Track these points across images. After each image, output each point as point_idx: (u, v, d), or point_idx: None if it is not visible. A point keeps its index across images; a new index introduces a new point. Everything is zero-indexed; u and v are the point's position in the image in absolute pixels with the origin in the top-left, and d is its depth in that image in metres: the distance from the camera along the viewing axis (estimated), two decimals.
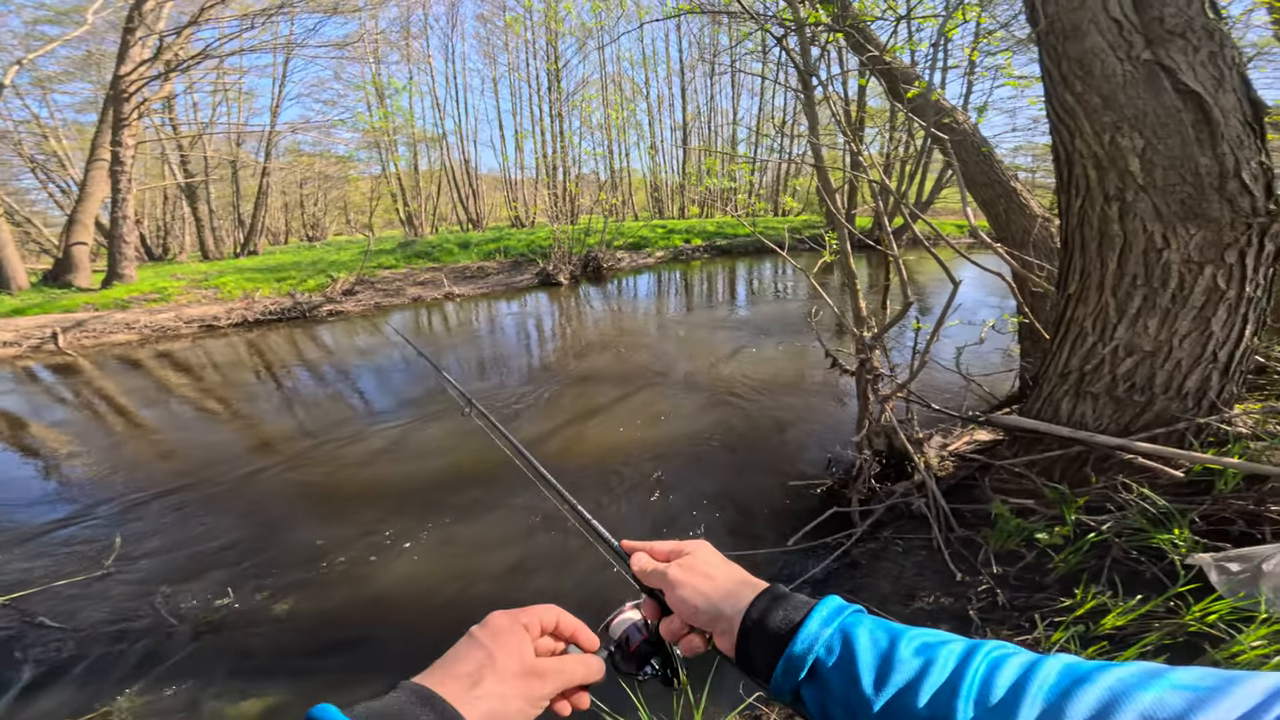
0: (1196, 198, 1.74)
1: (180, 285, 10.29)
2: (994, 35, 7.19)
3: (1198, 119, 1.70)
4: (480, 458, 3.79)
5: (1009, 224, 3.80)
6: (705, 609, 0.47)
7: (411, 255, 13.13)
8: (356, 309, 9.89)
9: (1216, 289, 1.77)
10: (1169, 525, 1.49)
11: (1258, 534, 1.49)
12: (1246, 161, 1.69)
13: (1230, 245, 1.73)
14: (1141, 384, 1.87)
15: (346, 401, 5.27)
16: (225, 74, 17.68)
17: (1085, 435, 1.88)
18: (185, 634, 2.34)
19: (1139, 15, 1.75)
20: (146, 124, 15.11)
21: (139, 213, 17.42)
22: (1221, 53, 1.71)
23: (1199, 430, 1.80)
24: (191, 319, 8.85)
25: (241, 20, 12.07)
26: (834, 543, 2.51)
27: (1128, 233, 1.86)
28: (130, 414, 5.16)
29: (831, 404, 4.45)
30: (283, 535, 3.03)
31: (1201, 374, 1.80)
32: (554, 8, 18.40)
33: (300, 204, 26.63)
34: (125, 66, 10.45)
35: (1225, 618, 1.28)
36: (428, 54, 23.42)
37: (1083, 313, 2.04)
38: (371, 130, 20.63)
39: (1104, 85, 1.80)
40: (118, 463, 4.07)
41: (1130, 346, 1.91)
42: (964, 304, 7.11)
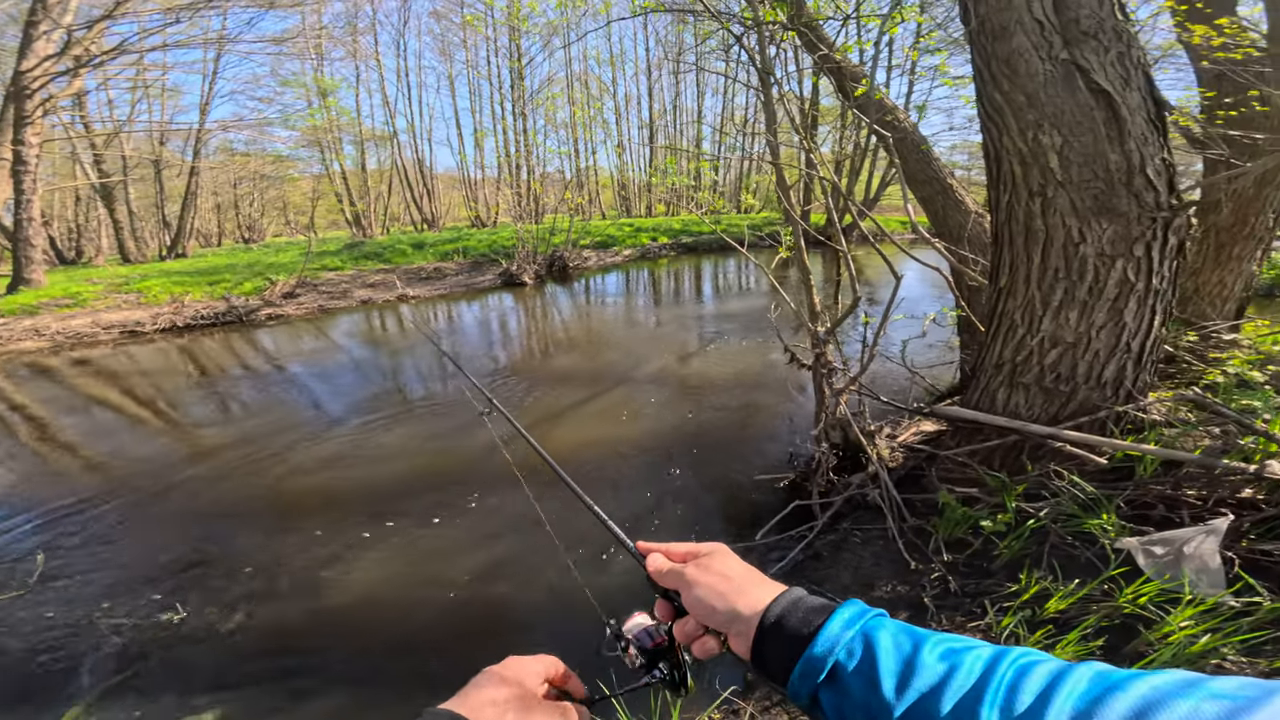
0: (1108, 193, 1.84)
1: (97, 290, 9.56)
2: (931, 35, 7.55)
3: (1108, 117, 1.81)
4: (440, 463, 3.67)
5: (946, 219, 3.97)
6: (722, 610, 0.47)
7: (359, 256, 12.54)
8: (299, 312, 9.38)
9: (1127, 281, 1.88)
10: (1098, 511, 1.58)
11: (1176, 518, 1.59)
12: (1151, 158, 1.81)
13: (1138, 239, 1.84)
14: (1066, 374, 1.98)
15: (292, 407, 5.00)
16: (146, 70, 16.34)
17: (1019, 424, 1.98)
18: (129, 653, 2.20)
19: (1058, 16, 1.85)
20: (54, 122, 13.78)
21: (47, 214, 15.89)
22: (1129, 53, 1.82)
23: (1119, 418, 1.92)
24: (111, 325, 8.28)
25: (165, 14, 11.15)
26: (798, 535, 2.56)
27: (1049, 227, 1.94)
28: (47, 424, 4.76)
29: (794, 398, 4.54)
30: (228, 547, 2.87)
31: (1118, 364, 1.91)
32: (518, 6, 17.96)
33: (234, 204, 24.97)
34: (28, 62, 9.71)
35: (1155, 599, 1.35)
36: (376, 50, 22.40)
37: (1012, 305, 2.13)
38: (313, 128, 19.54)
39: (1028, 84, 1.88)
40: (36, 476, 3.76)
41: (1055, 338, 2.00)
42: (910, 298, 7.43)
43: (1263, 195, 2.95)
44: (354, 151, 22.44)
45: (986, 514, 1.82)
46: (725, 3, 3.86)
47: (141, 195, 19.22)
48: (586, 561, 2.64)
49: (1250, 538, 1.46)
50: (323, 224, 27.13)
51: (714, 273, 12.58)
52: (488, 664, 0.48)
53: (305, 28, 17.90)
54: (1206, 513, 1.53)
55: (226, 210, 25.26)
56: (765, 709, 1.59)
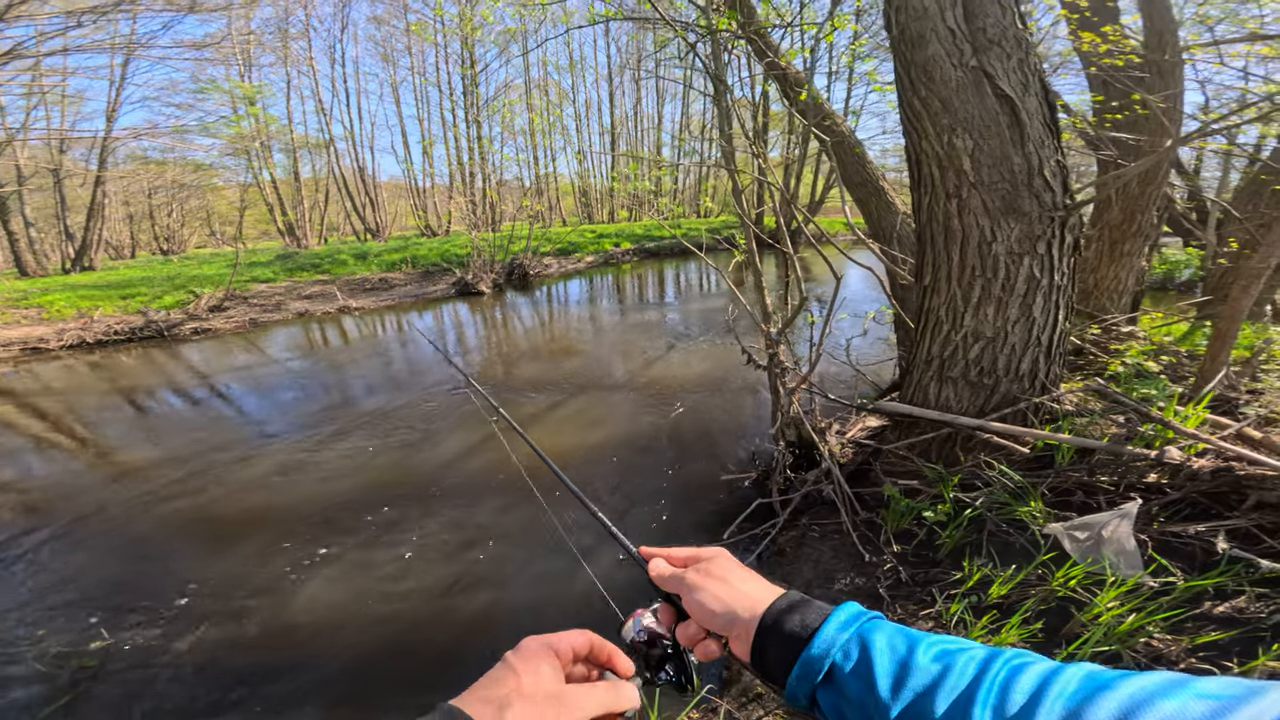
0: (1013, 194, 1.97)
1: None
2: (862, 41, 7.95)
3: (1011, 121, 1.94)
4: (390, 478, 3.49)
5: (880, 221, 4.15)
6: (722, 613, 0.47)
7: (294, 268, 11.81)
8: (228, 326, 8.72)
9: (1034, 277, 2.00)
10: (1026, 498, 1.69)
11: (1093, 502, 1.70)
12: (1047, 160, 1.96)
13: (1040, 237, 1.97)
14: (988, 368, 2.10)
15: (226, 423, 4.65)
16: (43, 75, 14.73)
17: (949, 417, 2.09)
18: (61, 681, 2.09)
19: (968, 25, 1.96)
20: None
21: None
22: (1027, 60, 1.96)
23: (1036, 409, 2.05)
24: (10, 341, 7.56)
25: (66, 17, 10.08)
26: (761, 533, 2.60)
27: (965, 227, 2.04)
28: None
29: (755, 398, 4.63)
30: (162, 568, 2.68)
31: (1031, 357, 2.05)
32: (470, 16, 17.45)
33: (150, 215, 22.92)
34: None
35: (1083, 582, 1.44)
36: (310, 56, 21.17)
37: (937, 303, 2.22)
38: (238, 136, 18.24)
39: (943, 89, 1.98)
40: None
41: (976, 333, 2.11)
42: (854, 298, 7.77)
43: (1146, 194, 3.25)
44: (285, 160, 21.14)
45: (928, 505, 1.90)
46: (681, 11, 3.91)
47: (40, 205, 17.35)
48: (574, 561, 2.58)
49: (1160, 520, 1.57)
50: (253, 234, 25.36)
51: (676, 276, 12.73)
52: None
53: (231, 32, 16.71)
54: (1119, 497, 1.64)
55: (141, 221, 23.16)
56: (742, 705, 1.60)
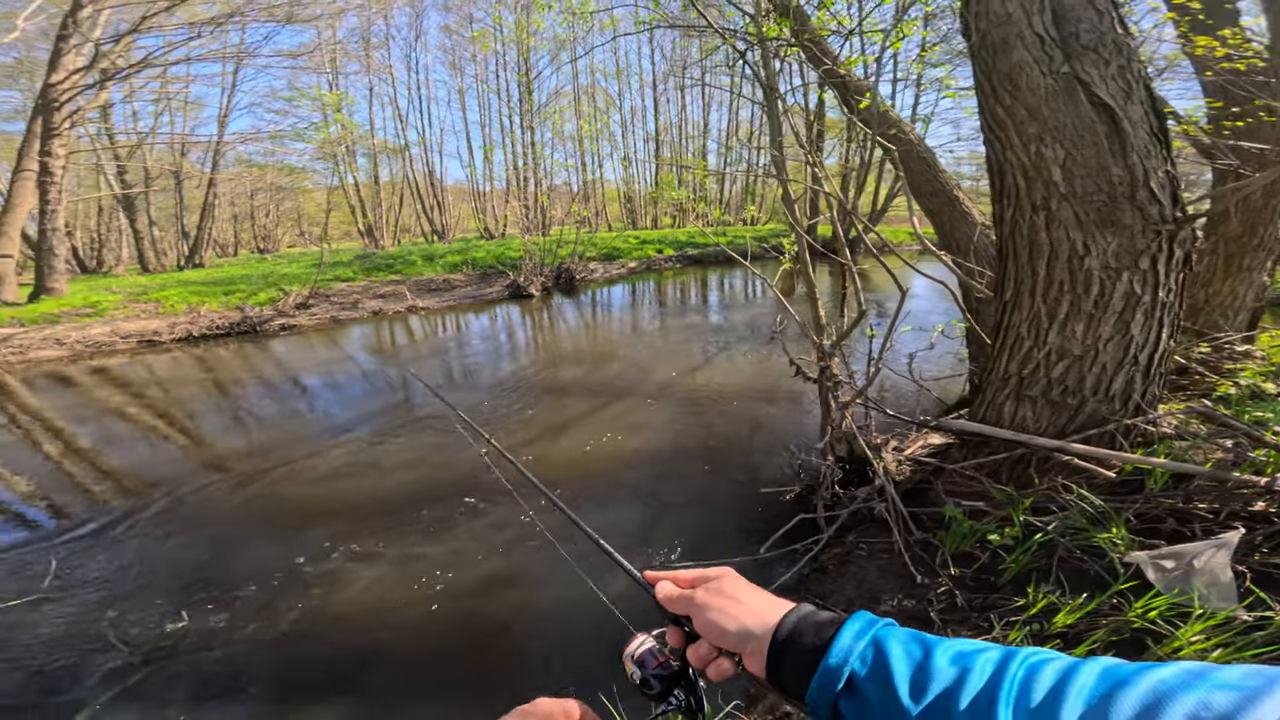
0: (1111, 206, 1.84)
1: (116, 299, 9.70)
2: (934, 48, 7.63)
3: (1110, 130, 1.82)
4: (445, 472, 3.68)
5: (953, 232, 3.95)
6: (734, 630, 0.48)
7: (371, 268, 12.72)
8: (311, 323, 9.49)
9: (1134, 294, 1.87)
10: (1107, 524, 1.56)
11: (1187, 531, 1.56)
12: (1154, 170, 1.81)
13: (1143, 251, 1.83)
14: (1073, 387, 1.96)
15: (303, 416, 5.04)
16: (169, 83, 16.83)
17: (1026, 438, 1.96)
18: (136, 659, 2.21)
19: (1058, 30, 1.86)
20: (80, 133, 14.21)
21: (71, 224, 16.31)
22: (1129, 66, 1.83)
23: (1127, 431, 1.89)
24: (129, 334, 8.38)
25: (189, 29, 11.54)
26: (803, 549, 2.54)
27: (1053, 240, 1.94)
28: (63, 432, 4.80)
29: (799, 410, 4.52)
30: (239, 556, 2.88)
31: (1126, 376, 1.89)
32: (525, 23, 18.35)
33: (251, 215, 25.49)
34: (57, 75, 9.97)
35: (1165, 614, 1.33)
36: (389, 64, 22.93)
37: (1018, 318, 2.12)
38: (327, 141, 19.99)
39: (1029, 98, 1.89)
40: (51, 484, 3.80)
41: (1061, 350, 1.99)
42: (918, 310, 7.42)
43: (1271, 205, 2.93)
44: (367, 164, 22.90)
45: (993, 528, 1.80)
46: (729, 18, 3.93)
47: (162, 206, 19.71)
48: (593, 576, 2.64)
49: (1263, 551, 1.44)
50: (336, 235, 27.54)
51: (720, 284, 12.61)
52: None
53: (321, 42, 18.39)
54: (1218, 526, 1.50)
55: (243, 221, 25.78)
56: None
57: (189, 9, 11.83)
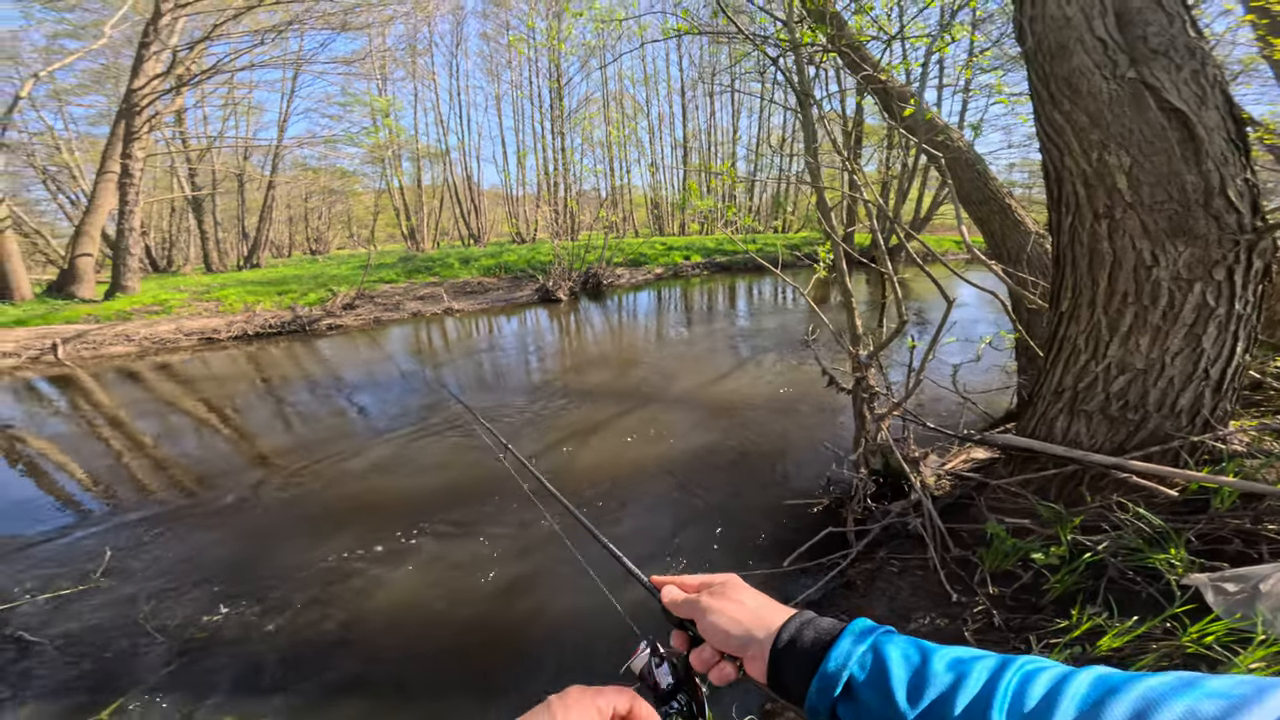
0: (1183, 215, 1.74)
1: (183, 297, 10.29)
2: (985, 54, 7.37)
3: (1183, 136, 1.72)
4: (475, 474, 3.76)
5: (1004, 240, 3.81)
6: (737, 634, 0.48)
7: (412, 270, 13.20)
8: (356, 323, 9.91)
9: (1206, 306, 1.76)
10: (1165, 545, 1.47)
11: (1254, 553, 1.46)
12: (1232, 178, 1.71)
13: (1219, 262, 1.73)
14: (1135, 402, 1.85)
15: (343, 416, 5.24)
16: (235, 88, 18.00)
17: (1080, 454, 1.86)
18: (170, 650, 2.28)
19: (1123, 34, 1.78)
20: (157, 137, 15.33)
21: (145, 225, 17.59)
22: (1204, 70, 1.73)
23: (1193, 448, 1.77)
24: (191, 331, 8.84)
25: (253, 36, 12.34)
26: (829, 563, 2.48)
27: (1117, 250, 1.86)
28: (126, 426, 5.11)
29: (830, 422, 4.42)
30: (276, 551, 2.98)
31: (1194, 391, 1.78)
32: (556, 29, 18.82)
33: (304, 217, 26.87)
34: (139, 80, 10.63)
35: (1222, 639, 1.24)
36: (432, 71, 23.89)
37: (1075, 330, 2.04)
38: (376, 145, 20.97)
39: (1090, 104, 1.82)
40: (111, 476, 4.03)
41: (1123, 364, 1.90)
42: (963, 321, 7.14)
43: None
44: (411, 168, 23.86)
45: (1038, 546, 1.71)
46: (760, 25, 3.90)
47: (225, 208, 21.01)
48: (610, 581, 2.66)
49: None
50: (381, 237, 28.77)
51: (749, 292, 12.45)
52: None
53: (372, 49, 19.32)
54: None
55: (297, 223, 27.23)
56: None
57: (254, 17, 12.64)
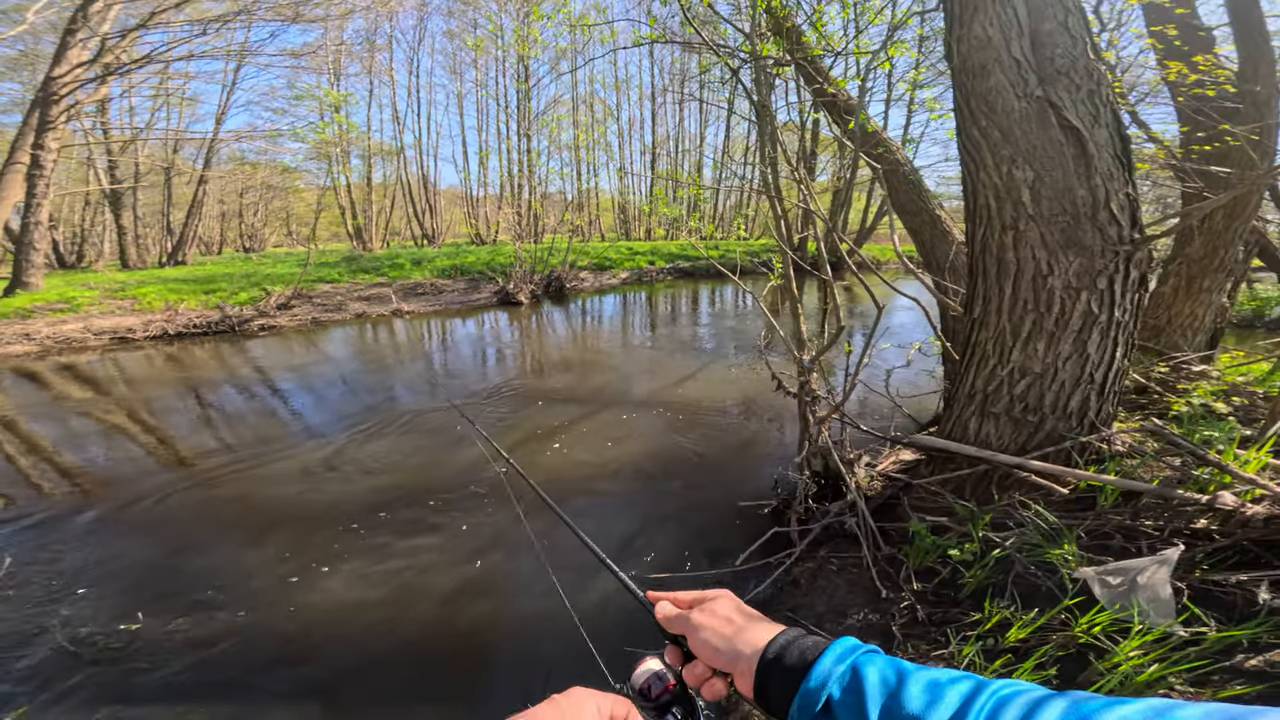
0: (1074, 227, 1.89)
1: (93, 295, 9.48)
2: (922, 70, 7.82)
3: (1077, 152, 1.87)
4: (419, 478, 3.62)
5: (934, 250, 4.02)
6: (725, 651, 0.49)
7: (357, 270, 12.62)
8: (292, 324, 9.37)
9: (1091, 313, 1.91)
10: (1060, 541, 1.58)
11: (1133, 547, 1.59)
12: (1115, 193, 1.87)
13: (1101, 271, 1.88)
14: (1034, 404, 1.99)
15: (275, 418, 4.94)
16: (169, 79, 16.69)
17: (988, 454, 1.98)
18: (81, 660, 2.15)
19: (1035, 55, 1.93)
20: (74, 127, 14.00)
21: (55, 218, 16.00)
22: (1099, 91, 1.90)
23: (1083, 449, 1.92)
24: (102, 331, 8.17)
25: (195, 25, 11.47)
26: (776, 562, 2.54)
27: (1020, 260, 1.99)
28: (21, 430, 4.66)
29: (783, 425, 4.54)
30: (199, 557, 2.80)
31: (1082, 394, 1.93)
32: (523, 32, 18.52)
33: (239, 213, 25.22)
34: (60, 68, 9.85)
35: (1108, 629, 1.35)
36: (390, 67, 23.00)
37: (985, 336, 2.16)
38: (322, 142, 19.93)
39: (1004, 120, 1.95)
40: (11, 480, 3.70)
41: (1023, 369, 2.03)
42: (902, 328, 7.54)
43: (1231, 228, 3.03)
44: (361, 165, 22.83)
45: (954, 543, 1.81)
46: (725, 37, 3.98)
47: (148, 202, 19.42)
48: (574, 583, 2.60)
49: (1203, 568, 1.46)
50: (324, 235, 27.35)
51: (710, 297, 12.67)
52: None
53: (326, 42, 18.38)
54: (1162, 543, 1.52)
55: (230, 219, 25.50)
56: None
57: (197, 6, 11.76)
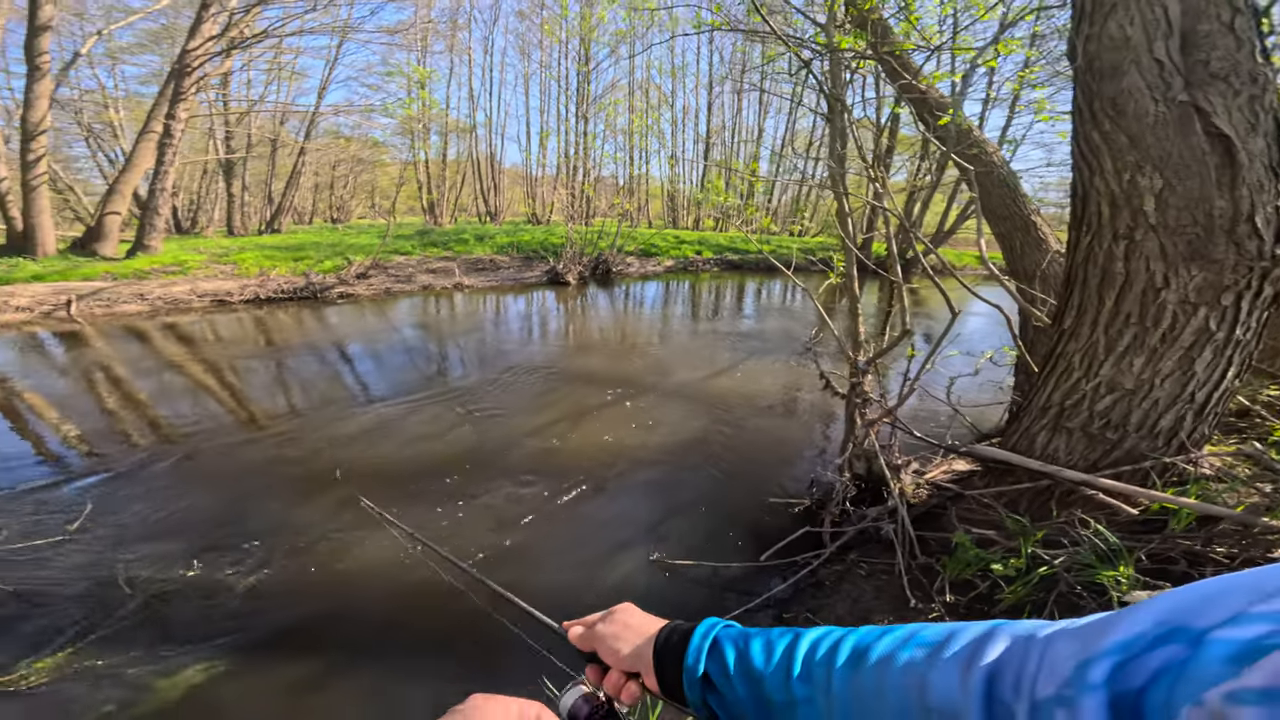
0: (1204, 239, 1.71)
1: (201, 259, 10.31)
2: (1034, 69, 7.13)
3: (1222, 162, 1.68)
4: (462, 447, 3.79)
5: (1022, 256, 3.78)
6: (627, 652, 0.53)
7: (428, 243, 13.30)
8: (368, 293, 9.98)
9: (1206, 330, 1.73)
10: (1116, 562, 1.43)
11: (1197, 573, 1.45)
12: (1263, 205, 1.67)
13: (1229, 288, 1.70)
14: (1117, 421, 1.83)
15: (341, 383, 5.28)
16: (282, 53, 18.11)
17: (1053, 469, 1.83)
18: (134, 602, 2.29)
19: (1184, 58, 1.74)
20: (201, 99, 15.44)
21: (176, 186, 17.89)
22: (1262, 97, 1.69)
23: (1164, 469, 1.75)
24: (205, 293, 8.82)
25: (305, 1, 12.37)
26: (802, 562, 2.49)
27: (1130, 271, 1.86)
28: (124, 383, 5.13)
29: (822, 425, 4.38)
30: (255, 510, 2.98)
31: (1176, 414, 1.76)
32: (589, 15, 18.67)
33: (330, 185, 26.99)
34: (194, 41, 10.63)
35: None
36: (469, 46, 23.84)
37: (1073, 348, 2.03)
38: (409, 116, 21.03)
39: (1133, 124, 1.80)
40: (104, 431, 4.03)
41: (1112, 384, 1.88)
42: (975, 335, 7.01)
43: None
44: (439, 141, 23.89)
45: (999, 557, 1.68)
46: (795, 26, 3.80)
47: (254, 171, 21.31)
48: (592, 563, 2.64)
49: None
50: (402, 209, 28.69)
51: (758, 292, 12.25)
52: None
53: (417, 20, 19.31)
54: (1232, 571, 1.34)
55: (322, 190, 27.43)
56: None
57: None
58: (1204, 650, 0.23)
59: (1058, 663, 0.29)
